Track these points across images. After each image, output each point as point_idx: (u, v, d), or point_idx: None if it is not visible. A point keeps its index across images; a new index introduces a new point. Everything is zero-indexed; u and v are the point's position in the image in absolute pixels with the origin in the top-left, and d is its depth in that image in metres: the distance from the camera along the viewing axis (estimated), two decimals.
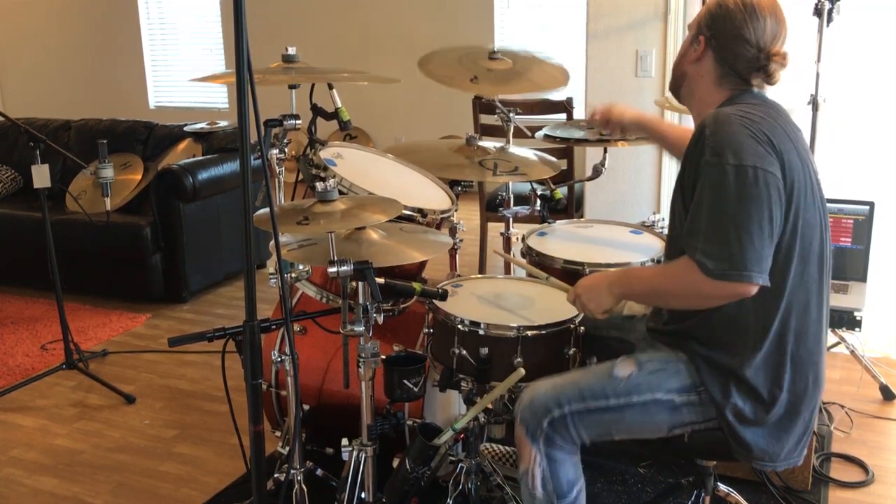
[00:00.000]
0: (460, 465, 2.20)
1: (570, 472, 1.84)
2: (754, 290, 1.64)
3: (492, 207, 3.91)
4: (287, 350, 2.40)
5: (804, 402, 1.77)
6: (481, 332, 1.99)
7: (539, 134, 2.72)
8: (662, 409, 1.78)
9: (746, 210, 1.61)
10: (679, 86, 1.91)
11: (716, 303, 1.69)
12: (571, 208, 3.86)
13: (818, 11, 2.88)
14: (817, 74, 2.94)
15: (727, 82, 1.80)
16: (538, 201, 2.78)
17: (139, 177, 4.48)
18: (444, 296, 2.00)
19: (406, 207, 2.23)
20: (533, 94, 2.86)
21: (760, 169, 1.62)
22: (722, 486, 2.14)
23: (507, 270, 2.96)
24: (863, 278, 3.06)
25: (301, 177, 2.37)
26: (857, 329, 2.90)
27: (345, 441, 2.10)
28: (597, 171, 2.78)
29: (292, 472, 2.22)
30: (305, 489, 2.21)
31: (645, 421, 1.79)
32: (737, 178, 1.62)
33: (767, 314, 1.71)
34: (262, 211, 2.07)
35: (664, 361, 1.80)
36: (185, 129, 4.73)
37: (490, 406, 2.17)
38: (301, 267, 2.26)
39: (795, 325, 1.73)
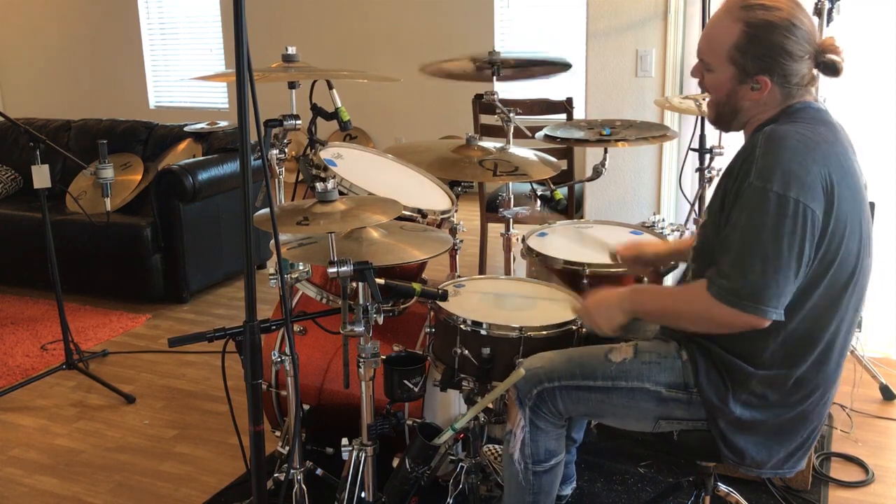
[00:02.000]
0: (460, 464, 2.20)
1: (551, 443, 1.88)
2: (765, 324, 1.62)
3: (492, 208, 3.91)
4: (287, 350, 2.40)
5: (807, 419, 1.76)
6: (483, 332, 1.99)
7: (539, 134, 2.72)
8: (649, 399, 1.79)
9: (779, 244, 1.57)
10: (730, 120, 1.79)
11: (726, 331, 1.66)
12: (571, 209, 3.86)
13: (818, 11, 2.88)
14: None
15: (794, 96, 1.72)
16: (538, 202, 2.78)
17: (139, 177, 4.48)
18: (443, 296, 2.00)
19: (406, 208, 2.22)
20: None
21: (802, 203, 1.57)
22: (722, 486, 2.14)
23: (508, 271, 2.96)
24: None
25: (301, 177, 2.37)
26: (857, 329, 2.90)
27: (345, 441, 2.10)
28: (597, 172, 2.78)
29: (292, 471, 2.22)
30: (305, 489, 2.21)
31: (630, 406, 1.81)
32: (777, 208, 1.57)
33: (790, 334, 1.68)
34: (262, 211, 2.07)
35: (661, 355, 1.80)
36: (185, 129, 4.72)
37: (490, 406, 2.17)
38: (301, 267, 2.26)
39: (818, 347, 1.70)
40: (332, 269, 1.84)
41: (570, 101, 3.87)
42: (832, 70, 1.70)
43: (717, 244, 1.68)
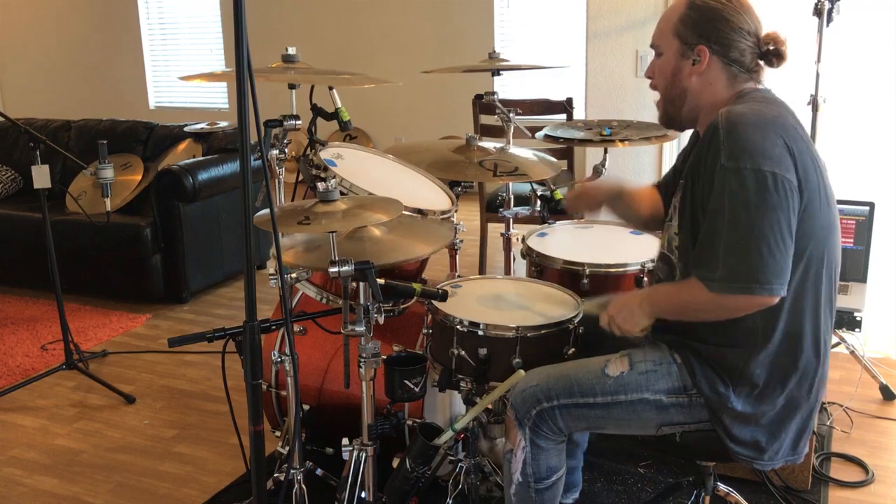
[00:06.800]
0: (460, 465, 2.20)
1: (553, 460, 1.87)
2: (775, 301, 1.62)
3: (492, 208, 3.91)
4: (287, 350, 2.40)
5: (804, 403, 1.77)
6: (480, 332, 1.99)
7: (539, 134, 2.72)
8: (650, 408, 1.79)
9: (767, 220, 1.57)
10: (680, 106, 1.83)
11: (739, 314, 1.67)
12: None
13: (818, 11, 2.88)
14: (817, 74, 2.94)
15: (739, 79, 1.76)
16: (538, 202, 2.78)
17: (139, 177, 4.48)
18: (444, 296, 1.99)
19: (406, 208, 2.22)
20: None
21: (779, 175, 1.58)
22: (722, 486, 2.14)
23: (508, 271, 2.96)
24: (863, 279, 3.06)
25: (301, 177, 2.37)
26: (857, 329, 2.90)
27: (345, 441, 2.10)
28: (597, 172, 2.78)
29: (292, 472, 2.22)
30: (305, 489, 2.21)
31: (632, 418, 1.81)
32: (756, 184, 1.57)
33: (773, 316, 1.69)
34: (262, 212, 2.07)
35: (656, 363, 1.80)
36: (185, 129, 4.73)
37: (490, 406, 2.17)
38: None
39: (801, 328, 1.71)
40: (334, 269, 1.84)
41: (570, 101, 3.88)
42: (777, 55, 1.75)
43: (699, 235, 1.68)
